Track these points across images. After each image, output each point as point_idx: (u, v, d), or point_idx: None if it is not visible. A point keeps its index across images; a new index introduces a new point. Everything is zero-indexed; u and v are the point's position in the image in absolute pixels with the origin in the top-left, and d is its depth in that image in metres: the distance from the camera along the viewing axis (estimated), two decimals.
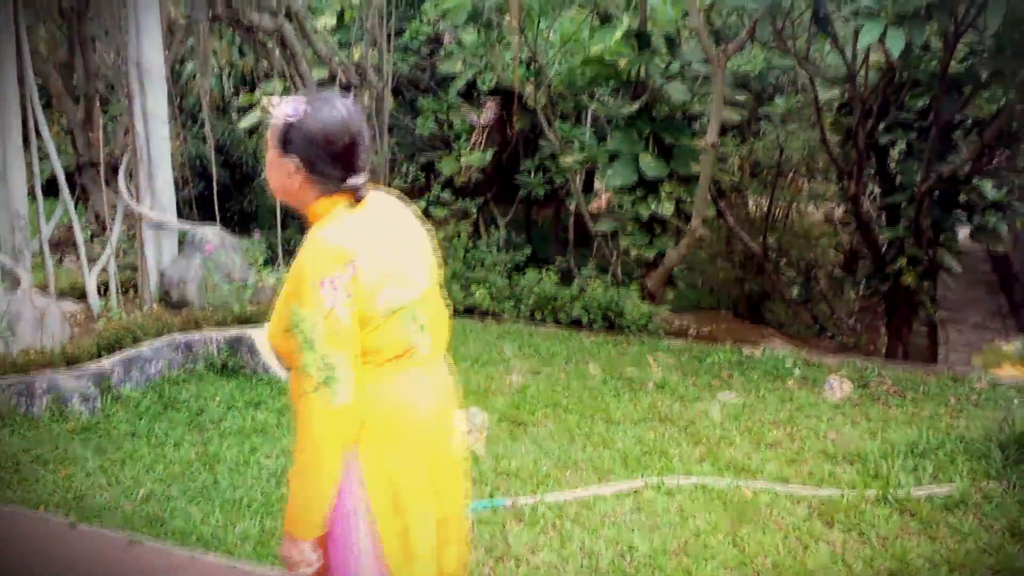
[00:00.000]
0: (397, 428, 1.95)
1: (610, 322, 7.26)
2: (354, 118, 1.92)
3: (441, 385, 2.09)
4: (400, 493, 1.96)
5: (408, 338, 1.96)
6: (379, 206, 2.01)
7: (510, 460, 4.46)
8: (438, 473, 2.04)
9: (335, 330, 1.82)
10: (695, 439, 4.82)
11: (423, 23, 10.54)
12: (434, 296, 2.07)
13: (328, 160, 1.89)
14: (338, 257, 1.83)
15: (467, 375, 5.91)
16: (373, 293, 1.86)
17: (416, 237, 2.06)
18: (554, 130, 9.11)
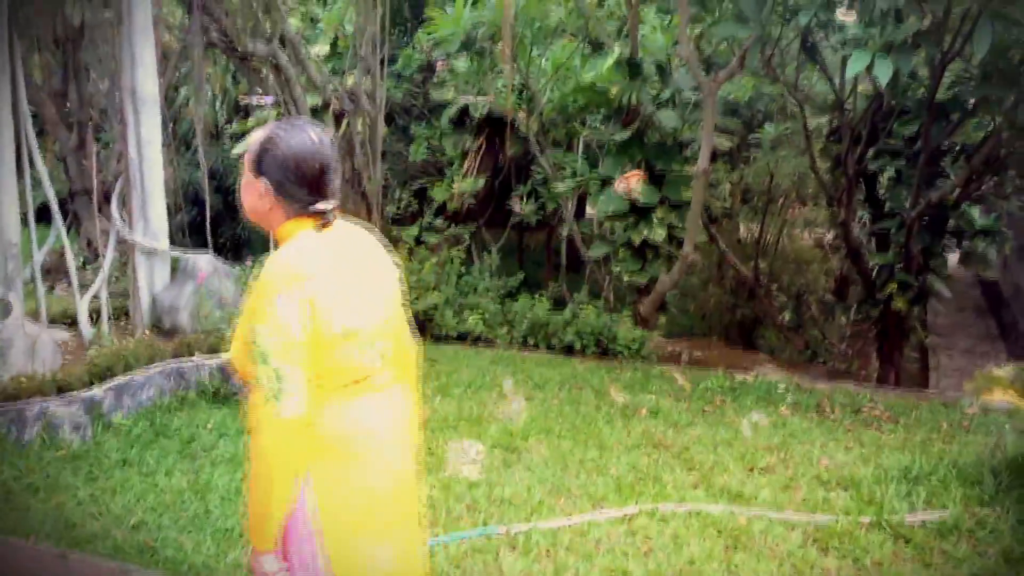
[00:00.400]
0: (352, 455, 1.98)
1: (603, 348, 7.27)
2: (324, 145, 1.98)
3: (401, 415, 2.12)
4: (354, 520, 1.99)
5: (364, 363, 1.99)
6: (345, 234, 2.07)
7: (503, 487, 4.44)
8: (395, 502, 2.06)
9: (288, 344, 1.86)
10: (688, 465, 4.82)
11: (416, 51, 10.62)
12: (397, 327, 2.12)
13: (297, 183, 1.95)
14: (295, 275, 1.88)
15: (460, 401, 5.90)
16: (329, 314, 1.90)
17: (381, 268, 2.11)
18: (546, 156, 9.17)
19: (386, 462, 2.03)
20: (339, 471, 1.97)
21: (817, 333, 8.87)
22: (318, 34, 10.67)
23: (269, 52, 8.30)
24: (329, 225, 2.01)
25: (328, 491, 1.96)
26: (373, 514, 2.01)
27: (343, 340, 1.93)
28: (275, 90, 8.53)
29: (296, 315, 1.86)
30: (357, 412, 2.00)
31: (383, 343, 2.03)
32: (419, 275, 8.22)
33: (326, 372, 1.93)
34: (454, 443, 4.90)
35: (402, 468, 2.09)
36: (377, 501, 2.02)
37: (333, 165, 2.00)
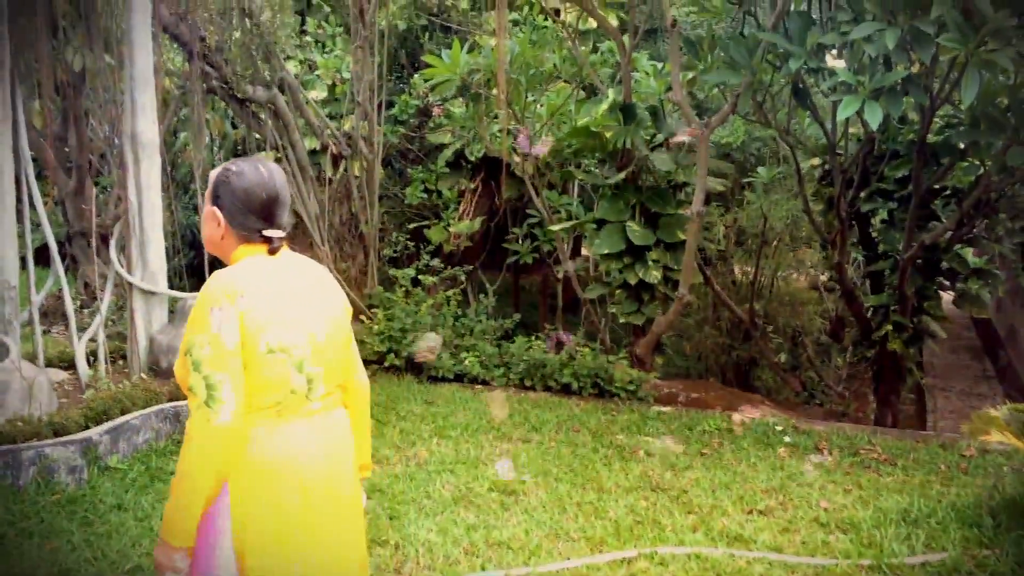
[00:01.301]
0: (270, 479, 2.07)
1: (600, 388, 7.26)
2: (274, 179, 2.18)
3: (330, 441, 2.20)
4: (264, 539, 2.06)
5: (288, 383, 2.09)
6: (290, 263, 2.23)
7: (501, 530, 4.43)
8: (315, 526, 2.12)
9: (219, 353, 1.99)
10: (687, 508, 4.80)
11: (412, 96, 10.77)
12: (333, 355, 2.22)
13: (247, 212, 2.15)
14: (228, 290, 2.04)
15: (456, 444, 5.89)
16: (256, 331, 2.03)
17: (320, 299, 2.23)
18: (541, 199, 9.25)
19: (307, 487, 2.11)
20: (255, 495, 2.06)
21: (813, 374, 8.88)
22: (315, 80, 10.82)
23: (268, 97, 8.42)
24: (276, 252, 2.19)
25: (242, 512, 2.05)
26: (285, 536, 2.08)
27: (269, 357, 2.05)
28: (273, 134, 8.63)
29: (228, 326, 2.00)
30: (281, 437, 2.10)
31: (313, 368, 2.14)
32: (416, 316, 8.23)
33: (253, 389, 2.05)
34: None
35: (327, 494, 2.16)
36: (292, 524, 2.08)
37: (281, 197, 2.19)
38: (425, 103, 10.82)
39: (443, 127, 10.55)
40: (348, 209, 9.38)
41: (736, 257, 9.91)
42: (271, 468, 2.07)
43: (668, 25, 7.15)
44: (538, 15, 10.05)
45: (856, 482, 5.28)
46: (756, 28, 7.06)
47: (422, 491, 4.96)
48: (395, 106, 10.61)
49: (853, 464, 5.62)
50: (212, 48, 8.04)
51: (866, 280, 8.81)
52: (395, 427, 6.26)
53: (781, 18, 6.45)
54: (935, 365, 10.64)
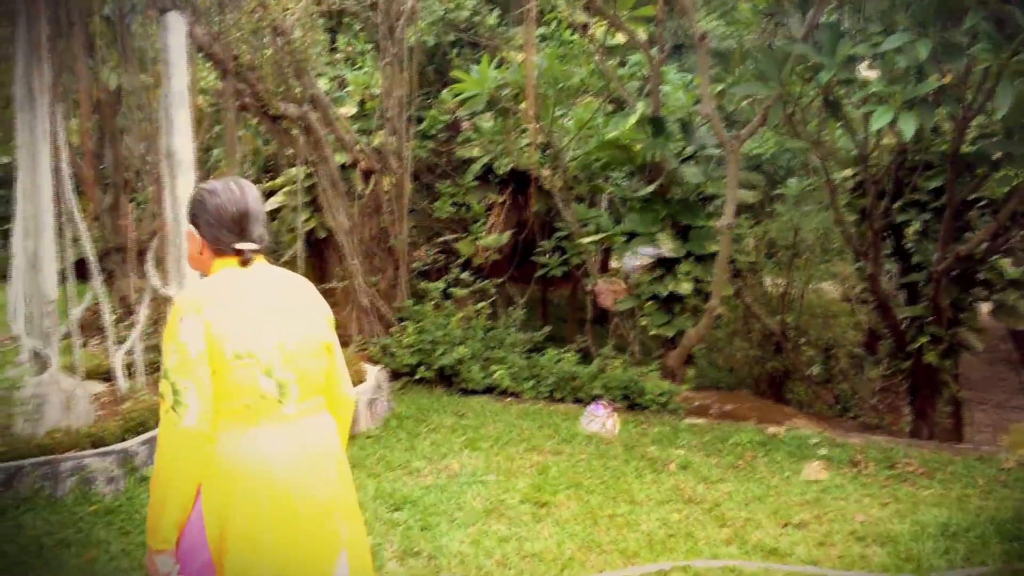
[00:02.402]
0: (244, 482, 2.13)
1: (630, 401, 7.24)
2: (245, 195, 2.29)
3: (307, 446, 2.25)
4: (241, 542, 2.12)
5: (257, 388, 2.17)
6: (264, 275, 2.32)
7: (533, 542, 4.41)
8: (286, 527, 2.16)
9: (185, 361, 2.09)
10: (721, 521, 4.76)
11: (441, 111, 10.85)
12: (307, 362, 2.28)
13: (219, 227, 2.26)
14: (195, 301, 2.15)
15: (487, 456, 5.89)
16: (223, 338, 2.13)
17: (293, 308, 2.31)
18: (570, 212, 9.27)
19: (278, 490, 2.15)
20: (226, 496, 2.12)
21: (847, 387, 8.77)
22: (345, 96, 10.94)
23: (299, 114, 8.52)
24: (248, 263, 2.29)
25: (213, 513, 2.12)
26: (258, 538, 2.13)
27: (235, 363, 2.13)
28: (305, 150, 8.73)
29: (194, 336, 2.10)
30: (251, 441, 2.16)
31: (283, 374, 2.21)
32: (445, 329, 8.26)
33: (222, 393, 2.14)
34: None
35: (301, 496, 2.19)
36: (263, 526, 2.13)
37: (252, 212, 2.29)
38: (454, 118, 10.90)
39: (471, 141, 10.62)
40: (378, 223, 9.44)
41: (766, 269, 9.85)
42: (240, 471, 2.13)
43: (697, 38, 7.16)
44: (566, 30, 10.09)
45: (893, 495, 5.21)
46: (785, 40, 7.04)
47: (454, 503, 4.96)
48: (424, 121, 10.69)
49: (890, 477, 5.54)
50: (245, 66, 8.16)
51: (900, 292, 8.72)
52: (426, 439, 6.28)
53: (811, 30, 6.43)
54: (971, 378, 10.47)
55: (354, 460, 5.71)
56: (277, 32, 8.26)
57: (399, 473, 5.49)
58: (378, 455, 5.84)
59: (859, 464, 5.77)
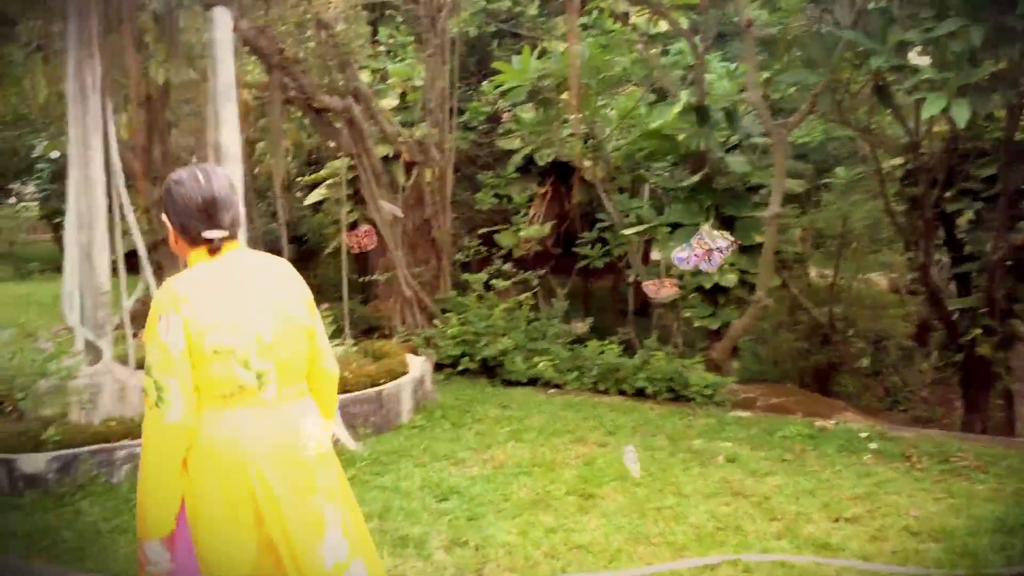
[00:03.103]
0: (217, 460, 2.19)
1: (675, 393, 7.18)
2: (211, 182, 2.28)
3: (285, 429, 2.29)
4: (206, 513, 2.19)
5: (236, 380, 2.21)
6: (237, 263, 2.32)
7: (580, 534, 4.39)
8: (263, 506, 2.20)
9: (166, 359, 2.14)
10: (770, 515, 4.69)
11: (482, 103, 10.84)
12: (286, 350, 2.31)
13: (187, 216, 2.26)
14: (173, 298, 2.17)
15: (532, 447, 5.89)
16: (201, 334, 2.16)
17: (269, 296, 2.31)
18: (612, 203, 9.21)
19: (254, 473, 2.20)
20: (203, 474, 2.19)
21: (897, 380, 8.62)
22: (387, 88, 10.98)
23: (343, 106, 8.57)
24: (219, 251, 2.29)
25: (192, 491, 2.18)
26: (232, 514, 2.19)
27: (214, 358, 2.17)
28: (348, 143, 8.78)
29: (174, 335, 2.15)
30: (226, 421, 2.21)
31: (263, 364, 2.25)
32: (488, 321, 8.27)
33: (202, 384, 2.19)
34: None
35: (280, 477, 2.24)
36: (238, 502, 2.19)
37: (220, 199, 2.28)
38: (495, 109, 10.89)
39: (512, 133, 10.61)
40: (421, 215, 9.48)
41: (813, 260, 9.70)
42: (215, 449, 2.19)
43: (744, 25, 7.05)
44: (608, 19, 10.02)
45: (947, 490, 5.10)
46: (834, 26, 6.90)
47: (500, 493, 4.96)
48: (465, 113, 10.70)
49: (943, 472, 5.42)
50: (290, 60, 8.23)
51: (951, 282, 8.53)
52: (471, 429, 6.30)
53: (861, 15, 6.30)
54: None
55: (400, 450, 5.75)
56: (321, 25, 8.31)
57: (445, 463, 5.51)
58: (423, 445, 5.86)
59: (911, 458, 5.65)
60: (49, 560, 4.10)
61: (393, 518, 4.55)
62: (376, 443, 5.89)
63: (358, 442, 5.84)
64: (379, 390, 6.25)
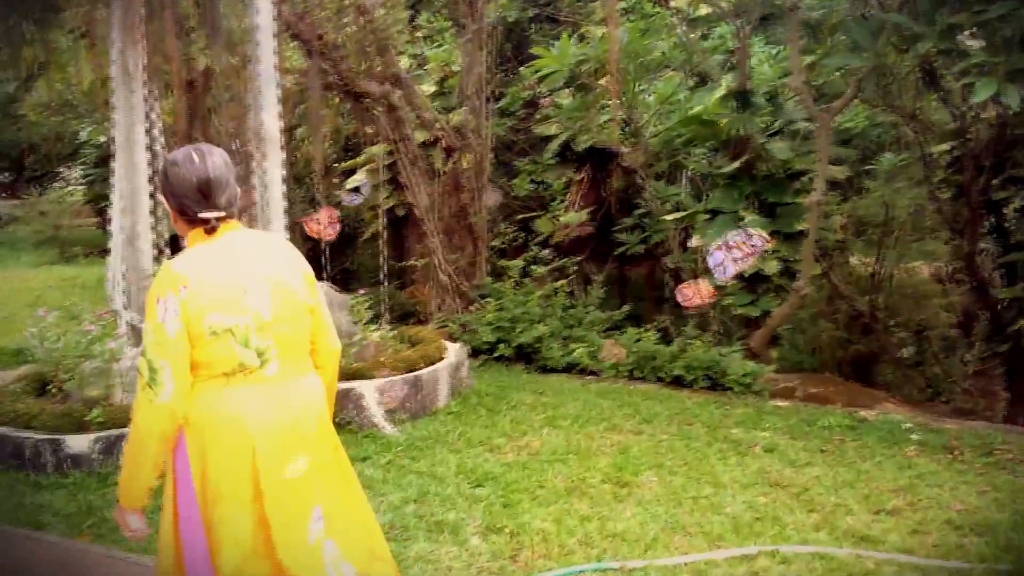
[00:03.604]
0: (218, 434, 2.25)
1: (713, 382, 7.12)
2: (206, 162, 2.31)
3: (286, 406, 2.35)
4: (212, 490, 2.25)
5: (236, 358, 2.26)
6: (235, 242, 2.36)
7: (616, 522, 4.39)
8: (263, 480, 2.27)
9: (161, 341, 2.19)
10: (809, 506, 4.65)
11: (520, 88, 10.79)
12: (286, 328, 2.36)
13: (181, 196, 2.31)
14: (173, 280, 2.22)
15: (568, 434, 5.88)
16: (200, 314, 2.21)
17: (269, 273, 2.35)
18: (651, 189, 9.13)
19: (254, 447, 2.26)
20: (205, 448, 2.25)
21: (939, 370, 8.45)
22: (425, 74, 10.98)
23: (382, 92, 8.60)
24: (215, 231, 2.33)
25: (195, 464, 2.26)
26: (235, 489, 2.26)
27: (213, 338, 2.23)
28: (386, 129, 8.81)
29: (171, 316, 2.19)
30: (229, 400, 2.27)
31: (263, 342, 2.30)
32: (525, 307, 8.27)
33: (200, 364, 2.25)
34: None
35: (280, 453, 2.31)
36: (240, 478, 2.26)
37: (215, 179, 2.30)
38: (533, 95, 10.84)
39: (550, 118, 10.54)
40: (458, 201, 9.49)
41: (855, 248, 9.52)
42: (219, 425, 2.26)
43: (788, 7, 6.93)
44: (647, 2, 9.90)
45: (991, 483, 5.00)
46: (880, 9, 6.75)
47: (535, 480, 4.97)
48: (503, 98, 10.66)
49: (987, 464, 5.32)
50: (329, 45, 8.27)
51: (997, 272, 8.33)
52: (506, 416, 6.31)
53: None
54: None
55: (436, 436, 5.78)
56: (360, 11, 8.33)
57: (480, 450, 5.53)
58: (459, 431, 5.89)
59: (954, 450, 5.55)
60: (93, 539, 4.20)
61: (429, 503, 4.59)
62: (412, 428, 5.93)
63: (394, 427, 5.88)
64: (416, 375, 6.29)
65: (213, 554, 2.27)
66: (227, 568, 2.26)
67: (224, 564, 2.26)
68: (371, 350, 6.57)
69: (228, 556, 2.26)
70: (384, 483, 4.89)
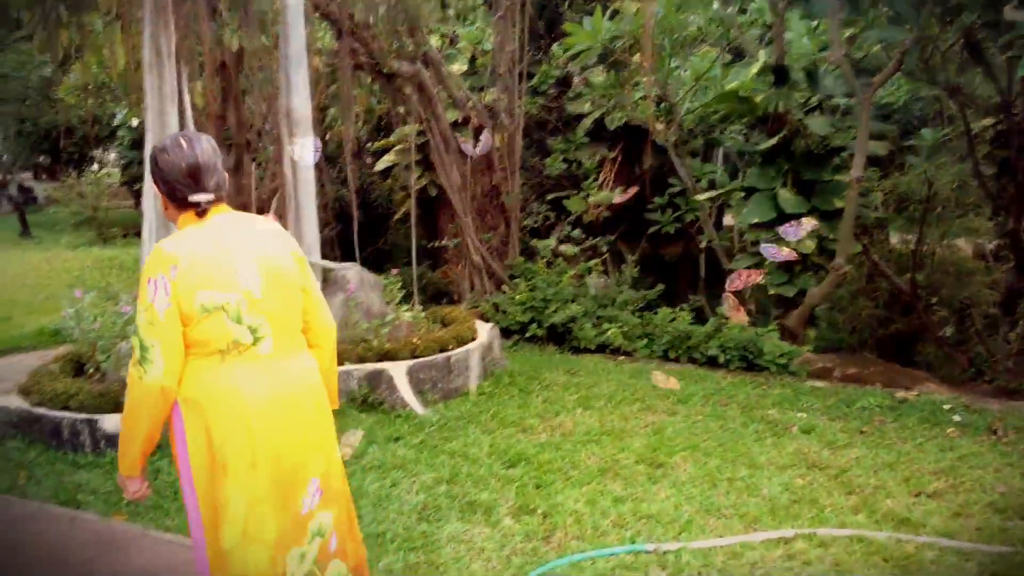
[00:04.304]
0: (217, 407, 2.33)
1: (748, 362, 7.02)
2: (194, 148, 2.40)
3: (282, 382, 2.43)
4: (220, 460, 2.33)
5: (229, 335, 2.34)
6: (225, 223, 2.44)
7: (650, 503, 4.35)
8: (257, 454, 2.36)
9: (152, 321, 2.27)
10: (847, 488, 4.56)
11: (552, 66, 10.68)
12: (278, 306, 2.43)
13: (173, 181, 2.40)
14: (163, 261, 2.29)
15: (601, 414, 5.84)
16: (191, 292, 2.28)
17: (259, 252, 2.43)
18: (685, 167, 9.00)
19: (251, 421, 2.34)
20: (203, 422, 2.33)
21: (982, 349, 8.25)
22: (456, 53, 10.90)
23: (413, 72, 8.54)
24: (206, 214, 2.42)
25: (193, 438, 2.35)
26: (228, 463, 2.34)
27: (205, 316, 2.30)
28: (417, 108, 8.76)
29: (161, 297, 2.27)
30: (225, 376, 2.35)
31: (255, 319, 2.37)
32: (557, 287, 8.21)
33: (195, 342, 2.33)
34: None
35: (276, 426, 2.40)
36: (239, 445, 2.34)
37: (204, 164, 2.40)
38: (565, 73, 10.72)
39: (583, 96, 10.42)
40: (489, 181, 9.43)
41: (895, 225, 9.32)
42: (215, 401, 2.34)
43: None
44: None
45: None
46: None
47: (568, 461, 4.94)
48: (535, 77, 10.56)
49: None
50: (359, 25, 8.22)
51: None
52: (539, 396, 6.28)
53: None
54: None
55: (468, 416, 5.77)
56: None
57: (512, 430, 5.51)
58: (491, 412, 5.87)
59: (997, 431, 5.42)
60: (130, 518, 4.25)
61: (461, 483, 4.58)
62: (444, 408, 5.92)
63: (426, 407, 5.88)
64: (447, 356, 6.28)
65: (208, 527, 2.38)
66: (226, 543, 2.36)
67: (224, 539, 2.36)
68: (403, 330, 6.57)
69: (227, 533, 2.36)
70: (416, 463, 4.89)
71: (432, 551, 3.81)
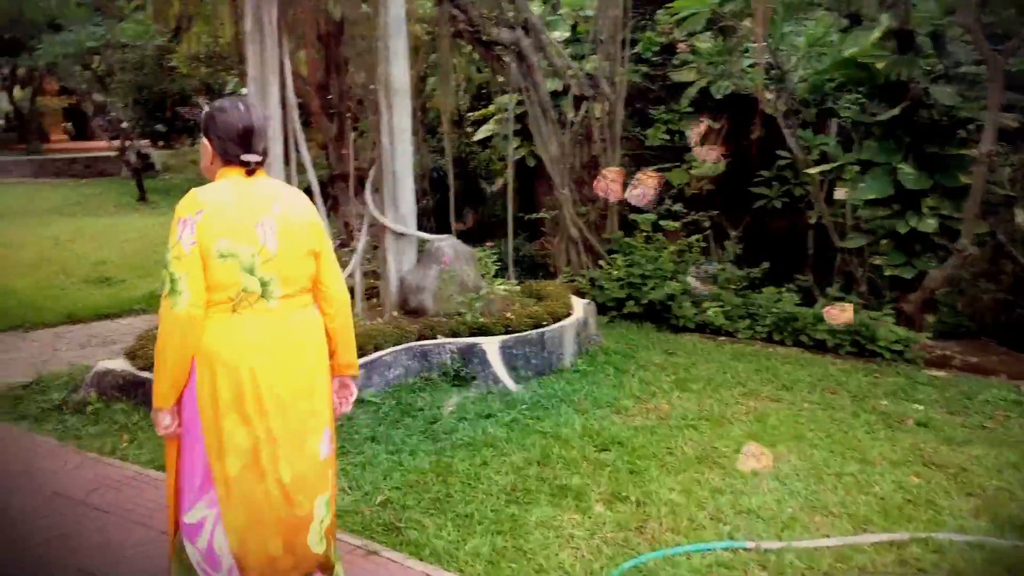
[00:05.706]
0: (223, 355, 2.55)
1: (860, 347, 6.64)
2: (250, 113, 2.67)
3: (286, 335, 2.65)
4: (223, 403, 2.55)
5: (240, 283, 2.55)
6: (257, 184, 2.67)
7: (750, 497, 4.14)
8: (264, 400, 2.58)
9: (179, 255, 2.50)
10: (967, 489, 4.24)
11: (657, 33, 10.31)
12: (290, 266, 2.64)
13: (228, 141, 2.64)
14: (192, 205, 2.55)
15: (699, 398, 5.62)
16: (211, 239, 2.51)
17: (281, 215, 2.63)
18: (795, 139, 8.56)
19: (251, 370, 2.56)
20: (209, 367, 2.55)
21: None
22: (558, 20, 10.66)
23: (512, 39, 8.37)
24: (253, 173, 2.67)
25: (200, 381, 2.56)
26: (237, 401, 2.56)
27: (220, 261, 2.52)
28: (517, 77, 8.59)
29: (188, 235, 2.51)
30: (232, 326, 2.57)
31: (267, 274, 2.58)
32: (656, 263, 7.96)
33: (211, 285, 2.53)
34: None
35: (280, 379, 2.62)
36: (242, 391, 2.56)
37: (257, 128, 2.66)
38: (670, 39, 10.34)
39: (688, 64, 10.04)
40: (588, 151, 9.20)
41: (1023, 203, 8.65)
42: (220, 349, 2.55)
43: None
44: None
45: None
46: None
47: (663, 447, 4.76)
48: (638, 44, 10.22)
49: None
50: None
51: None
52: (634, 376, 6.10)
53: None
54: None
55: (561, 394, 5.64)
56: None
57: (606, 411, 5.36)
58: (585, 391, 5.73)
59: None
60: None
61: (552, 466, 4.47)
62: (537, 386, 5.81)
63: (519, 384, 5.78)
64: (541, 332, 6.15)
65: (214, 459, 2.57)
66: (231, 470, 2.57)
67: (228, 467, 2.57)
68: (497, 304, 6.47)
69: (231, 461, 2.57)
70: (508, 442, 4.79)
71: (520, 536, 3.71)
